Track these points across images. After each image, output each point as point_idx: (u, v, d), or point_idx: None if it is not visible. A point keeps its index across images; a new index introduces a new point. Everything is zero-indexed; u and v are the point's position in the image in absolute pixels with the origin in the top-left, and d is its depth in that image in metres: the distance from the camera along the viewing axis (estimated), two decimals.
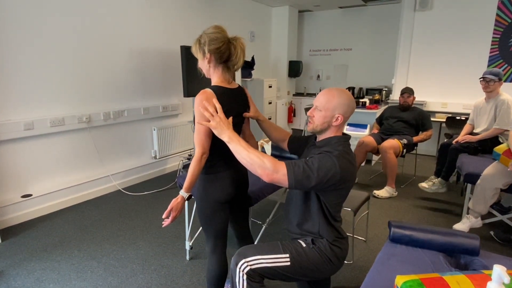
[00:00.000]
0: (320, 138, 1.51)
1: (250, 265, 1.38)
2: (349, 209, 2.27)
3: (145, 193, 3.68)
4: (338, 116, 1.42)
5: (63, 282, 2.13)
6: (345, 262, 2.36)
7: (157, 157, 4.24)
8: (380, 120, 4.17)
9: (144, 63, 3.97)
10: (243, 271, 1.38)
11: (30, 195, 3.02)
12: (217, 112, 1.40)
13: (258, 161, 1.30)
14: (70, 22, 3.17)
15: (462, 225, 2.70)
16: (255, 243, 2.32)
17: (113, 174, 3.72)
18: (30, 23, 2.88)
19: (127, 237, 2.71)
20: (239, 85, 1.61)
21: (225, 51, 1.48)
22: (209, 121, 1.38)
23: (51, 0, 3.00)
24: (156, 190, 3.75)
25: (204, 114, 1.39)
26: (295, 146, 1.71)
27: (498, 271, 0.84)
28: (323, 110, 1.42)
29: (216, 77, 1.53)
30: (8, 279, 2.16)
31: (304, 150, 1.66)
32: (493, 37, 4.71)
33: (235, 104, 1.55)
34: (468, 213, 2.74)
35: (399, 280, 1.19)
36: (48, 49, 3.03)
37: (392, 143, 3.63)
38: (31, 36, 2.90)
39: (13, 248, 2.53)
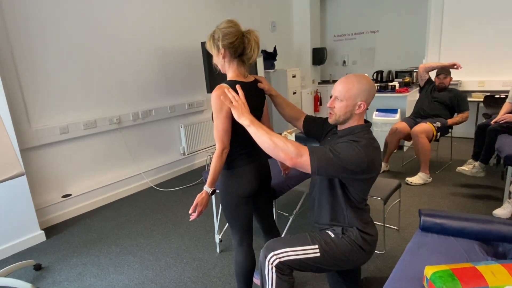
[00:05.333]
0: (342, 127, 1.46)
1: (279, 258, 1.39)
2: (379, 198, 2.20)
3: (176, 188, 3.79)
4: (361, 104, 1.39)
5: (102, 276, 2.26)
6: (377, 252, 2.31)
7: (186, 153, 4.34)
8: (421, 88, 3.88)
9: (167, 62, 4.05)
10: (272, 264, 1.38)
11: (70, 195, 3.21)
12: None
13: (281, 144, 1.29)
14: (95, 29, 3.28)
15: (503, 211, 2.54)
16: (283, 235, 2.32)
17: (145, 172, 3.86)
18: (61, 36, 3.02)
19: (160, 232, 2.81)
20: (255, 78, 1.60)
21: (239, 45, 1.47)
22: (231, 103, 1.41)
23: (78, 10, 3.12)
24: (186, 186, 3.85)
25: (224, 103, 1.43)
26: (311, 127, 1.66)
27: None
28: (344, 100, 1.38)
29: (231, 71, 1.53)
30: (53, 274, 2.32)
31: (324, 137, 1.62)
32: None
33: (252, 98, 1.54)
34: (509, 198, 2.57)
35: (428, 270, 1.14)
36: (77, 57, 3.17)
37: (424, 127, 3.47)
38: (60, 47, 3.05)
39: (56, 245, 2.71)
